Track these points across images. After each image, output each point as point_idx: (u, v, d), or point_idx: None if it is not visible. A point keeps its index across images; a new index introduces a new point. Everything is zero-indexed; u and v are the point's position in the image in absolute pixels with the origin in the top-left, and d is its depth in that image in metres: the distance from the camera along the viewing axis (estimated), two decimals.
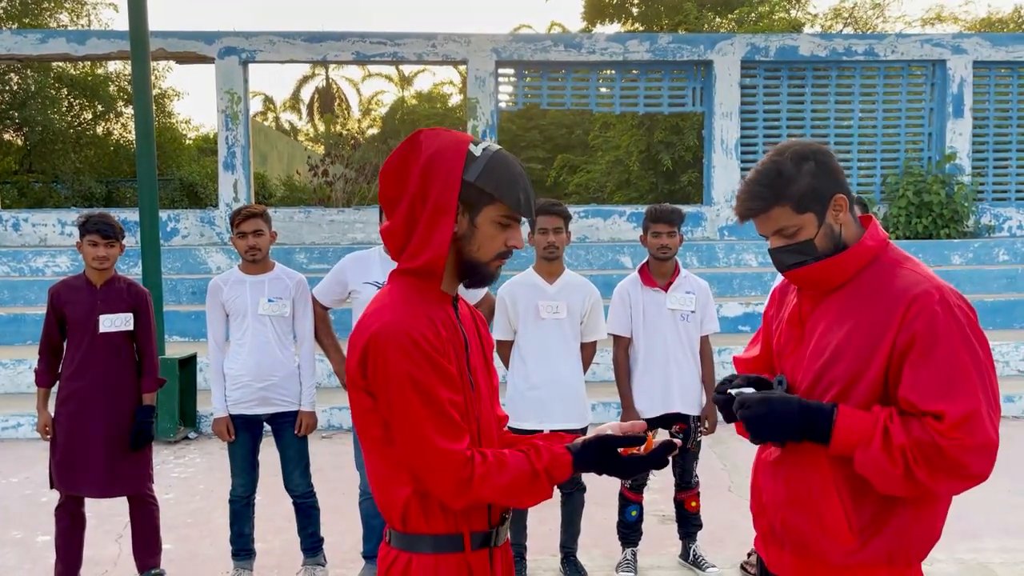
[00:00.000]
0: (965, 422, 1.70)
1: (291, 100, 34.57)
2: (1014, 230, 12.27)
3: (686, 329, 4.11)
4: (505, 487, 1.68)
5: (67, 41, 11.96)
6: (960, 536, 4.63)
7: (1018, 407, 7.62)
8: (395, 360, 1.65)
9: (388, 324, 1.67)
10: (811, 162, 1.85)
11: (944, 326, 1.74)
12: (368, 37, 11.86)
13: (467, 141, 1.74)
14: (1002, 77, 12.43)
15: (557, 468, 1.73)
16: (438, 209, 1.70)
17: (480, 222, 1.74)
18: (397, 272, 1.79)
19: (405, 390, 1.65)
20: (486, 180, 1.71)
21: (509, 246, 1.79)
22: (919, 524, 1.85)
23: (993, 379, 1.77)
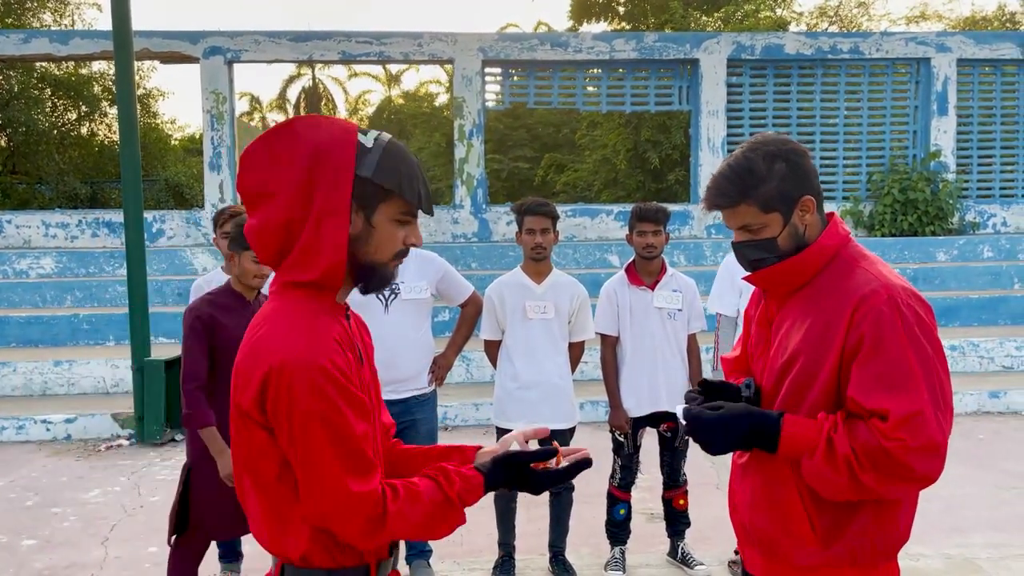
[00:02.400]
0: (908, 422, 1.68)
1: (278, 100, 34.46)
2: (998, 227, 12.36)
3: (673, 327, 4.12)
4: (419, 522, 1.57)
5: (50, 41, 11.87)
6: (947, 531, 4.66)
7: (1003, 403, 7.67)
8: (302, 397, 1.46)
9: (293, 355, 1.47)
10: (782, 162, 1.85)
11: (890, 325, 1.73)
12: (354, 36, 11.82)
13: (354, 131, 1.56)
14: (986, 75, 12.51)
15: (469, 492, 1.63)
16: (328, 210, 1.52)
17: (377, 221, 1.58)
18: (284, 285, 1.58)
19: (313, 430, 1.47)
20: (383, 175, 1.55)
21: (408, 244, 1.64)
22: (883, 525, 1.85)
23: (943, 379, 1.75)
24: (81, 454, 6.71)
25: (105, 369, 8.13)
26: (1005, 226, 12.37)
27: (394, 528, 1.55)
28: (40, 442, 7.07)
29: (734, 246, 1.96)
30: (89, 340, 9.16)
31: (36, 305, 9.97)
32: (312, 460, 1.49)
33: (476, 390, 7.54)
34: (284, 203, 1.53)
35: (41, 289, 10.12)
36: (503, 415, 4.05)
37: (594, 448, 4.76)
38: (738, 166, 1.87)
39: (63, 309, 9.78)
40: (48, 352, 8.67)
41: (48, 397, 7.97)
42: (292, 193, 1.53)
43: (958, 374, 8.46)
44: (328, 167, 1.53)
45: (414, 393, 3.94)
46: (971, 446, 6.43)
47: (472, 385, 8.00)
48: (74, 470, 6.26)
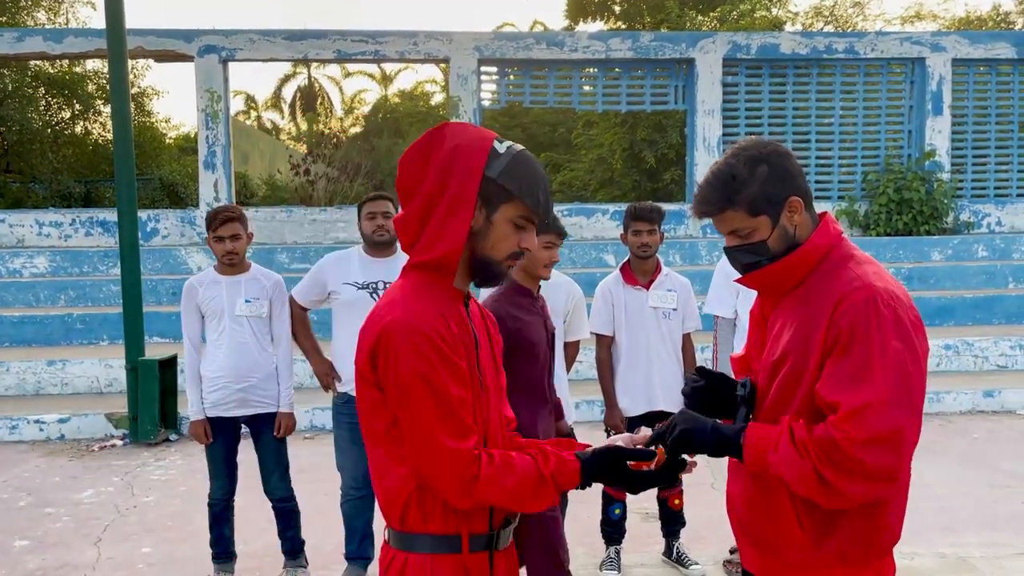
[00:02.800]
0: (856, 414, 1.68)
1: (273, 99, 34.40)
2: (993, 226, 12.39)
3: (668, 327, 4.11)
4: (510, 490, 1.66)
5: (44, 39, 11.83)
6: (941, 530, 4.66)
7: (997, 402, 7.69)
8: (405, 356, 1.62)
9: (400, 319, 1.64)
10: (764, 165, 1.85)
11: (863, 324, 1.73)
12: (349, 35, 11.80)
13: (492, 138, 1.72)
14: (980, 75, 12.53)
15: (564, 475, 1.71)
16: (456, 200, 1.68)
17: (497, 219, 1.72)
18: (410, 266, 1.75)
19: (415, 386, 1.62)
20: (507, 178, 1.69)
21: (523, 247, 1.76)
22: (871, 524, 1.84)
23: (911, 377, 1.72)
24: (74, 454, 6.68)
25: (99, 369, 8.10)
26: (1000, 226, 12.39)
27: (486, 492, 1.64)
28: (33, 442, 7.04)
29: (726, 251, 1.96)
30: (83, 340, 9.13)
31: (30, 304, 9.93)
32: (412, 415, 1.63)
33: None
34: (424, 196, 1.70)
35: (35, 288, 10.08)
36: None
37: None
38: (720, 173, 1.87)
39: (57, 308, 9.75)
40: (41, 352, 8.64)
41: (41, 397, 7.94)
42: (431, 186, 1.69)
43: (952, 373, 8.47)
44: (461, 164, 1.68)
45: None
46: (965, 445, 6.44)
47: None
48: (67, 470, 6.23)
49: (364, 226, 3.99)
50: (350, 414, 3.96)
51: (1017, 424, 7.26)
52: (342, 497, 4.05)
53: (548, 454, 1.72)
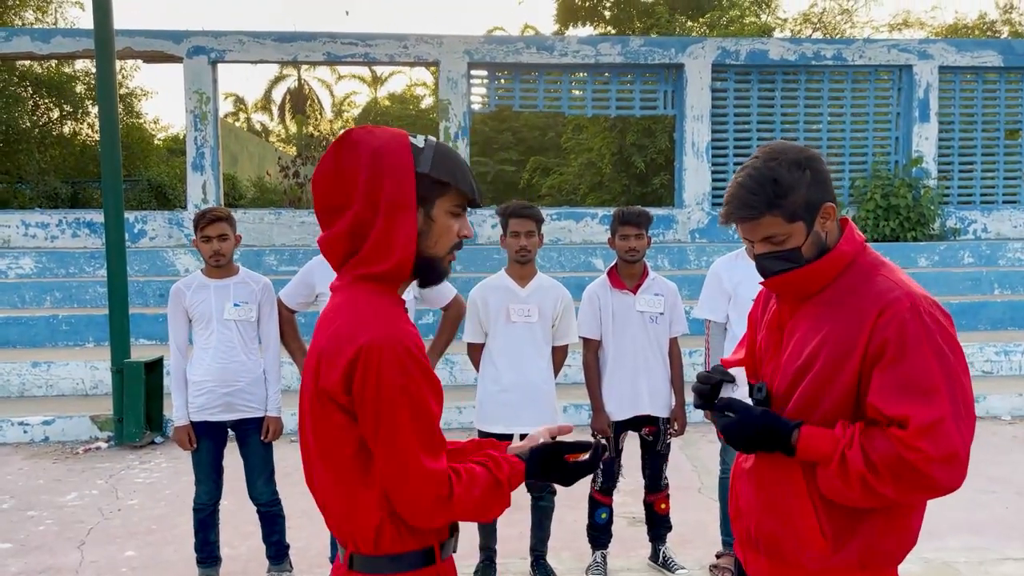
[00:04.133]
0: (929, 431, 1.67)
1: (262, 101, 34.35)
2: (979, 233, 12.47)
3: (655, 331, 4.12)
4: (476, 504, 1.65)
5: (31, 39, 11.76)
6: (924, 536, 4.64)
7: (982, 408, 7.72)
8: (390, 374, 1.55)
9: (382, 335, 1.57)
10: (806, 171, 1.82)
11: (914, 333, 1.72)
12: (339, 38, 11.78)
13: (405, 135, 1.68)
14: (967, 82, 12.63)
15: (515, 477, 1.72)
16: (395, 205, 1.62)
17: (436, 215, 1.68)
18: (356, 278, 1.67)
19: (397, 406, 1.56)
20: (439, 170, 1.65)
21: (462, 236, 1.74)
22: (893, 529, 1.85)
23: (965, 387, 1.73)
24: (58, 456, 6.63)
25: (84, 371, 8.04)
26: (985, 232, 12.48)
27: (457, 509, 1.62)
28: (17, 444, 6.98)
29: (757, 258, 1.91)
30: (68, 341, 9.06)
31: (15, 306, 9.85)
32: (393, 436, 1.57)
33: (459, 393, 7.51)
34: (354, 210, 1.63)
35: (20, 289, 10.01)
36: (485, 419, 4.03)
37: None
38: (761, 176, 1.81)
39: (42, 310, 9.68)
40: (26, 353, 8.58)
41: (26, 398, 7.88)
42: (359, 197, 1.63)
43: None
44: (389, 166, 1.63)
45: None
46: None
47: (455, 388, 7.97)
48: (51, 473, 6.18)
49: None
50: None
51: (1002, 430, 7.30)
52: None
53: (499, 460, 1.71)
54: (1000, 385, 8.22)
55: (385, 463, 1.59)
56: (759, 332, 2.08)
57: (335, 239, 1.66)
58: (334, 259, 1.69)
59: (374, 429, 1.57)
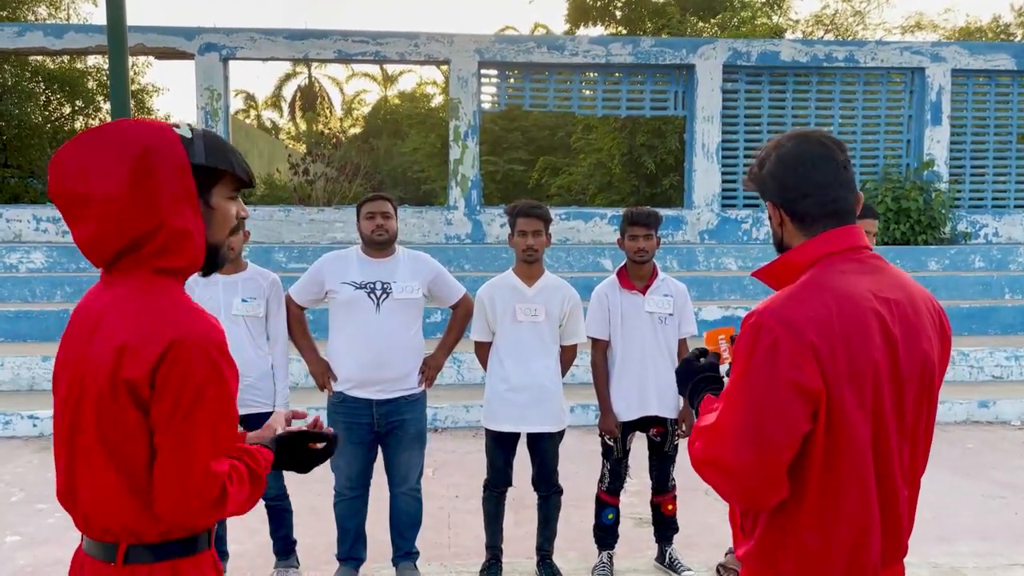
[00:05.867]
0: (699, 432, 1.77)
1: (273, 98, 34.42)
2: (990, 237, 12.41)
3: (664, 332, 4.11)
4: (243, 500, 1.66)
5: (44, 35, 11.82)
6: (934, 540, 4.66)
7: (992, 413, 7.69)
8: (200, 371, 1.54)
9: (195, 331, 1.56)
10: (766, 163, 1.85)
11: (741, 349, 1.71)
12: (350, 36, 11.80)
13: (170, 127, 1.65)
14: (980, 85, 12.56)
15: (268, 467, 1.75)
16: (181, 199, 1.61)
17: (216, 203, 1.70)
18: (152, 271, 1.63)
19: (200, 405, 1.55)
20: (214, 158, 1.66)
21: (241, 216, 1.77)
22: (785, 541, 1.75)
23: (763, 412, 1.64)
24: None
25: None
26: (997, 236, 12.41)
27: (228, 508, 1.63)
28: (27, 438, 7.02)
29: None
30: None
31: (25, 299, 9.91)
32: (187, 433, 1.55)
33: (467, 392, 7.52)
34: (124, 203, 1.58)
35: (31, 283, 10.06)
36: (493, 417, 4.04)
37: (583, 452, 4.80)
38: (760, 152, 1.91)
39: (53, 304, 9.73)
40: (37, 347, 8.61)
41: (36, 392, 7.91)
42: (129, 192, 1.58)
43: (947, 383, 8.47)
44: (162, 161, 1.60)
45: (403, 393, 3.93)
46: (959, 455, 6.44)
47: (463, 387, 7.98)
48: None
49: (363, 226, 3.99)
50: (345, 413, 3.96)
51: (1011, 435, 7.27)
52: (336, 497, 4.04)
53: (253, 454, 1.72)
54: (1010, 390, 8.18)
55: (169, 460, 1.55)
56: None
57: (105, 238, 1.60)
58: (100, 256, 1.63)
59: (167, 425, 1.55)
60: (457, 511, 5.07)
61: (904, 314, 1.76)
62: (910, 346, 1.75)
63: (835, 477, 1.69)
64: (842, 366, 1.66)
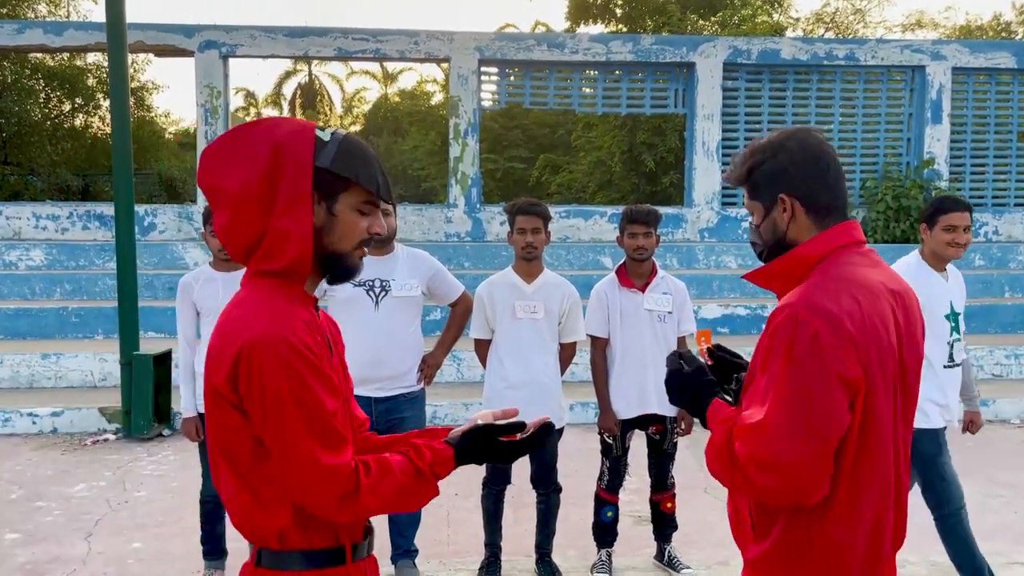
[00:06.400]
0: (746, 432, 1.69)
1: (273, 96, 34.40)
2: (990, 235, 12.40)
3: (663, 330, 4.10)
4: (392, 495, 1.61)
5: (44, 32, 11.80)
6: (933, 538, 4.65)
7: (991, 412, 7.69)
8: (272, 373, 1.52)
9: (264, 333, 1.53)
10: (776, 156, 1.84)
11: (778, 342, 1.69)
12: (350, 33, 11.79)
13: (312, 127, 1.64)
14: (980, 84, 12.55)
15: (440, 464, 1.67)
16: (291, 201, 1.58)
17: (339, 210, 1.64)
18: (254, 274, 1.64)
19: (285, 404, 1.52)
20: (340, 165, 1.61)
21: (372, 233, 1.69)
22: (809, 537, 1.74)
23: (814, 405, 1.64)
24: (67, 448, 6.66)
25: (93, 363, 8.08)
26: (997, 235, 12.40)
27: (368, 502, 1.58)
28: (26, 435, 7.02)
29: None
30: (77, 333, 9.11)
31: (25, 297, 9.90)
32: (284, 434, 1.53)
33: (466, 390, 7.52)
34: (250, 199, 1.59)
35: (30, 281, 10.06)
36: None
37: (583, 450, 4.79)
38: (750, 147, 1.90)
39: (52, 302, 9.73)
40: (36, 345, 8.62)
41: (35, 390, 7.92)
42: (256, 189, 1.59)
43: None
44: (288, 160, 1.59)
45: (402, 391, 3.92)
46: (959, 454, 6.42)
47: (462, 385, 7.98)
48: (59, 464, 6.21)
49: None
50: None
51: (1011, 434, 7.27)
52: None
53: (421, 448, 1.67)
54: (1009, 389, 8.17)
55: (280, 462, 1.55)
56: None
57: (233, 229, 1.62)
58: (235, 250, 1.65)
59: (264, 428, 1.55)
60: (456, 509, 5.07)
61: (905, 305, 1.82)
62: (911, 336, 1.81)
63: (864, 467, 1.72)
64: (874, 356, 1.69)
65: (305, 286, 1.67)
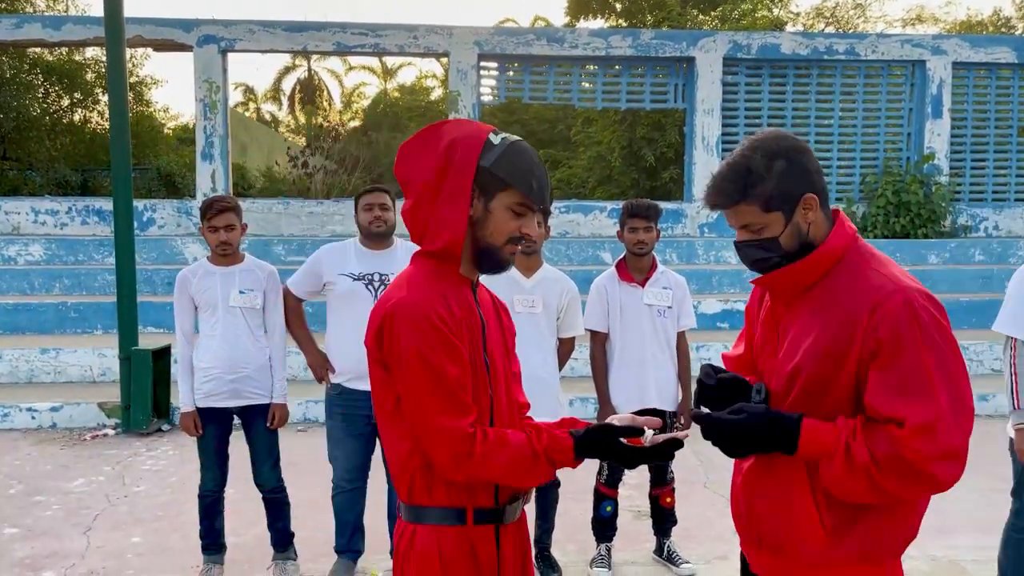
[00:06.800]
0: (926, 430, 1.66)
1: (272, 91, 34.33)
2: (990, 230, 12.39)
3: (663, 325, 4.10)
4: (504, 466, 1.73)
5: (42, 27, 11.77)
6: (933, 533, 4.65)
7: (991, 406, 7.69)
8: (406, 335, 1.71)
9: (403, 300, 1.74)
10: (782, 160, 1.81)
11: (907, 331, 1.70)
12: (349, 28, 11.76)
13: (488, 131, 1.81)
14: (980, 78, 12.52)
15: (558, 451, 1.77)
16: (454, 192, 1.77)
17: (494, 207, 1.80)
18: (419, 254, 1.86)
19: (414, 365, 1.71)
20: (500, 167, 1.77)
21: (522, 233, 1.84)
22: (893, 522, 1.83)
23: (962, 383, 1.71)
24: (66, 443, 6.66)
25: (92, 358, 8.07)
26: (997, 230, 12.39)
27: (480, 468, 1.73)
28: (25, 430, 7.02)
29: (736, 245, 1.93)
30: (76, 328, 9.10)
31: (24, 292, 9.89)
32: (412, 390, 1.73)
33: None
34: (423, 188, 1.80)
35: (29, 276, 10.05)
36: None
37: None
38: (736, 165, 1.84)
39: (51, 296, 9.72)
40: (35, 339, 8.61)
41: (34, 385, 7.91)
42: (431, 179, 1.79)
43: None
44: (458, 158, 1.77)
45: None
46: None
47: None
48: (58, 459, 6.21)
49: (361, 218, 3.97)
50: (343, 405, 3.94)
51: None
52: (334, 490, 4.03)
53: (542, 431, 1.79)
54: None
55: (409, 417, 1.75)
56: (756, 328, 2.06)
57: (413, 213, 1.83)
58: (413, 232, 1.85)
59: (399, 385, 1.74)
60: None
61: None
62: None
63: None
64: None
65: (463, 269, 1.85)
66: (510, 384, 1.92)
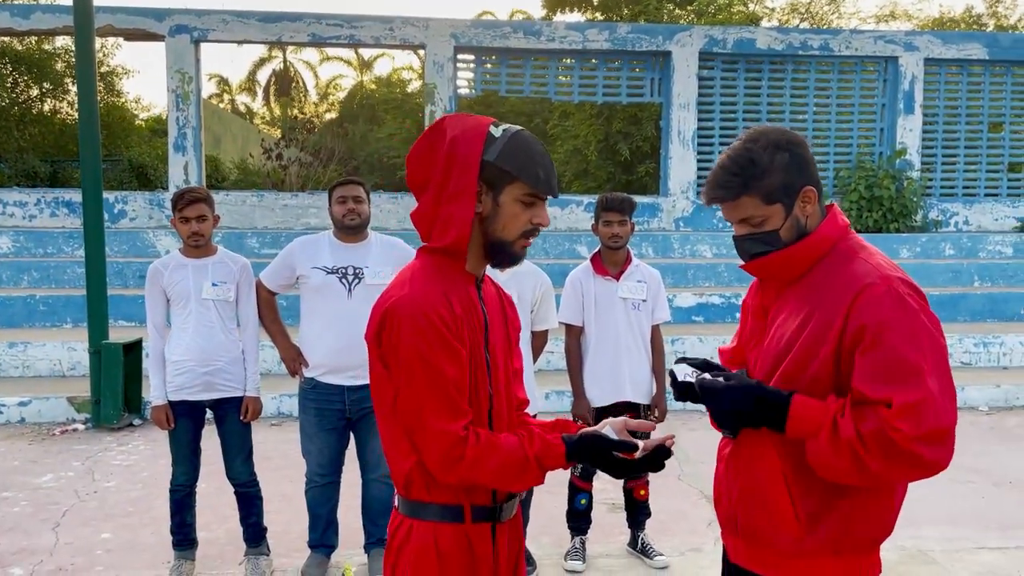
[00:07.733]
0: (912, 411, 1.67)
1: (247, 82, 33.99)
2: (960, 225, 12.56)
3: (637, 318, 4.11)
4: (494, 471, 1.73)
5: (11, 15, 11.58)
6: (901, 523, 4.68)
7: (960, 399, 7.78)
8: (406, 334, 1.70)
9: (405, 298, 1.73)
10: (785, 153, 1.83)
11: (890, 316, 1.72)
12: (324, 19, 11.66)
13: (488, 123, 1.79)
14: (952, 75, 12.68)
15: (549, 457, 1.77)
16: (458, 189, 1.75)
17: (503, 201, 1.78)
18: (424, 249, 1.84)
19: (412, 365, 1.70)
20: (505, 159, 1.76)
21: (534, 224, 1.82)
22: (867, 514, 1.85)
23: (945, 365, 1.74)
24: (34, 438, 6.56)
25: (61, 352, 7.96)
26: (967, 224, 12.56)
27: (470, 471, 1.72)
28: None
29: (735, 240, 1.93)
30: (45, 322, 8.97)
31: None
32: (408, 389, 1.72)
33: None
34: (432, 189, 1.79)
35: None
36: None
37: None
38: (739, 157, 1.84)
39: (19, 289, 9.57)
40: (3, 333, 8.47)
41: (1, 379, 7.78)
42: (436, 178, 1.78)
43: None
44: (461, 154, 1.76)
45: None
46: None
47: None
48: (26, 454, 6.12)
49: (334, 210, 3.94)
50: (316, 400, 3.91)
51: (980, 420, 7.38)
52: (307, 484, 4.01)
53: (534, 436, 1.78)
54: (978, 376, 8.29)
55: (404, 416, 1.74)
56: (748, 319, 2.08)
57: (421, 215, 1.82)
58: (421, 233, 1.84)
59: (398, 383, 1.73)
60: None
61: None
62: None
63: None
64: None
65: (470, 266, 1.84)
66: (510, 381, 1.91)
